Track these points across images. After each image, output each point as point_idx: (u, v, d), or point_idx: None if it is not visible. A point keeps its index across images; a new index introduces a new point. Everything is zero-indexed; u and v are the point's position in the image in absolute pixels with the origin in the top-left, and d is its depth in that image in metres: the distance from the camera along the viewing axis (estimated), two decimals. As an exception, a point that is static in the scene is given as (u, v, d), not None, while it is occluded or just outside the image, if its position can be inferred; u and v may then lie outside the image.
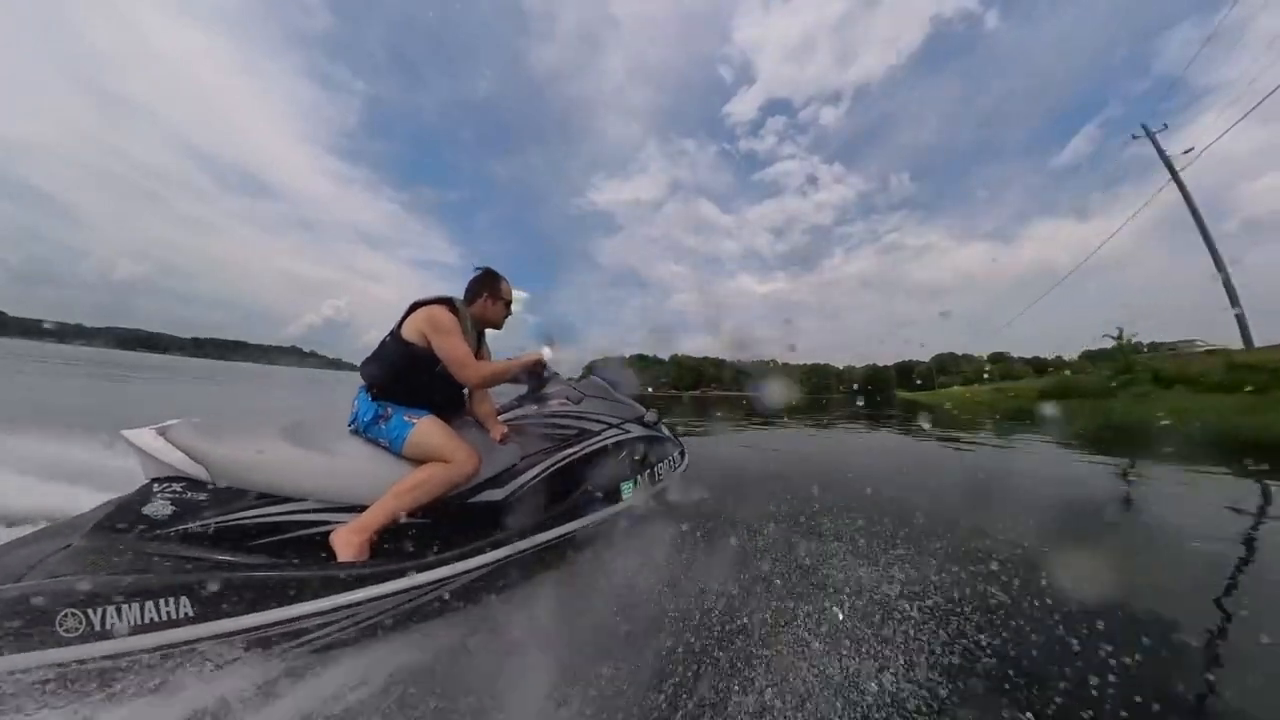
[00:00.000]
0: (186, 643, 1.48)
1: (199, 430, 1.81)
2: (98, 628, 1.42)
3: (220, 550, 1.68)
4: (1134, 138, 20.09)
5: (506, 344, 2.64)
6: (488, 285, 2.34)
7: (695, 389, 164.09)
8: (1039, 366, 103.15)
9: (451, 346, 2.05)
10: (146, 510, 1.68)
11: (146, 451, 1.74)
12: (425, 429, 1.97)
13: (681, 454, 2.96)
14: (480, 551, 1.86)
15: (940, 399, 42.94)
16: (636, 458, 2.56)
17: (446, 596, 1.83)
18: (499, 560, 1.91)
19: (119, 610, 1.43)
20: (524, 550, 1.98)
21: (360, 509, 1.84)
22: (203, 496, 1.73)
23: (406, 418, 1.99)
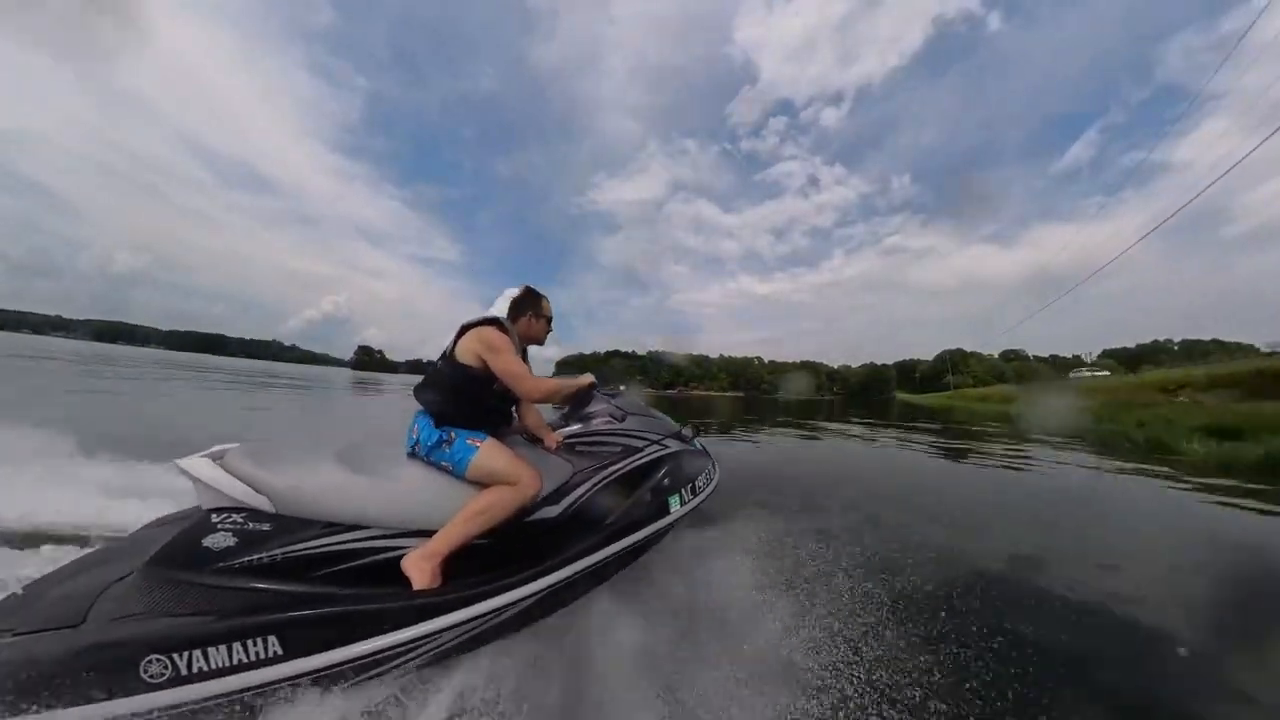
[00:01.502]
0: (275, 682, 1.44)
1: (256, 458, 1.74)
2: (184, 671, 1.37)
3: (288, 581, 1.60)
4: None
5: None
6: (531, 304, 2.38)
7: (671, 388, 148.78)
8: (1060, 365, 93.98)
9: (508, 363, 2.06)
10: (207, 542, 1.59)
11: (205, 483, 1.64)
12: (489, 452, 1.96)
13: (714, 467, 2.86)
14: (549, 571, 1.87)
15: (987, 406, 32.58)
16: (678, 472, 2.51)
17: (516, 614, 1.83)
18: (567, 578, 1.91)
19: (205, 653, 1.39)
20: (589, 567, 1.99)
21: (425, 533, 1.79)
22: (266, 527, 1.64)
23: (470, 441, 1.98)
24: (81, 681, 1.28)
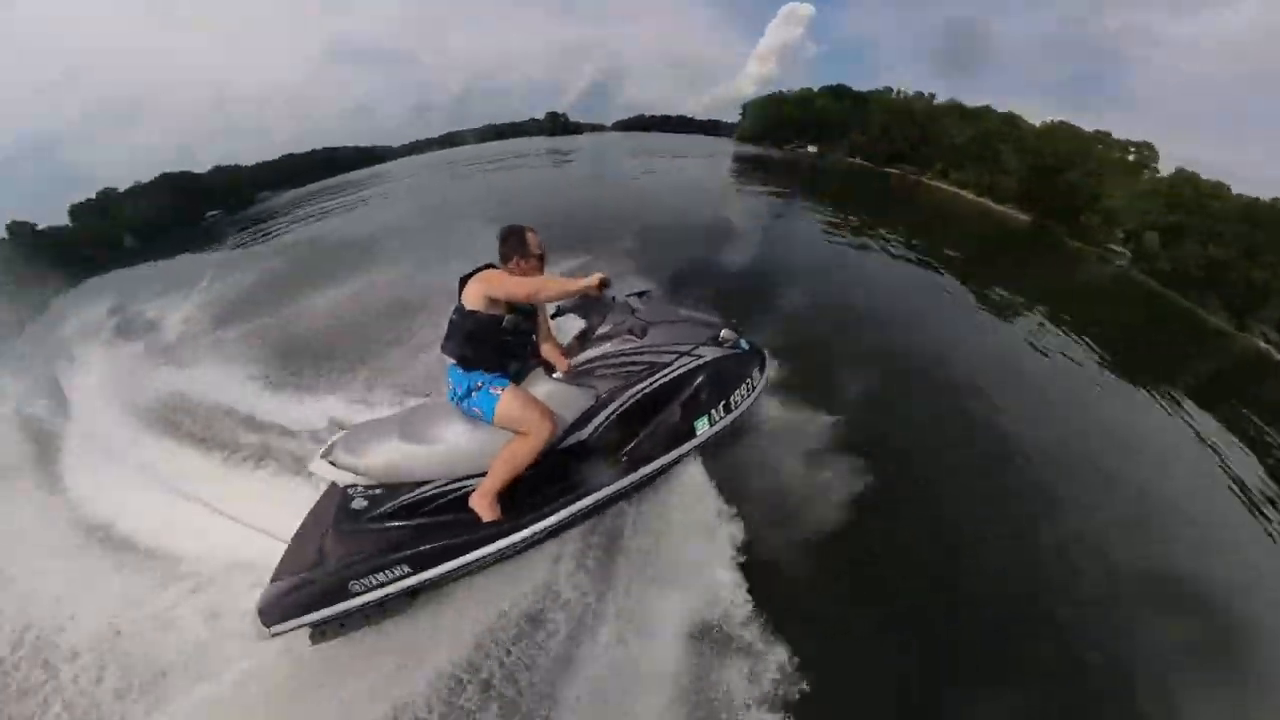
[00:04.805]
0: (412, 587, 2.29)
1: (350, 449, 2.35)
2: (370, 585, 2.20)
3: (409, 519, 2.36)
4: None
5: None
6: (516, 245, 2.42)
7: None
8: None
9: (515, 285, 2.28)
10: (353, 506, 2.37)
11: (330, 479, 2.41)
12: (508, 400, 2.27)
13: (762, 367, 2.92)
14: (580, 497, 2.45)
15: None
16: (711, 385, 2.61)
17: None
18: (595, 503, 2.50)
19: (383, 572, 2.21)
20: (617, 491, 2.55)
21: (479, 474, 2.36)
22: (378, 491, 2.35)
23: (493, 390, 2.28)
24: (314, 598, 2.16)
